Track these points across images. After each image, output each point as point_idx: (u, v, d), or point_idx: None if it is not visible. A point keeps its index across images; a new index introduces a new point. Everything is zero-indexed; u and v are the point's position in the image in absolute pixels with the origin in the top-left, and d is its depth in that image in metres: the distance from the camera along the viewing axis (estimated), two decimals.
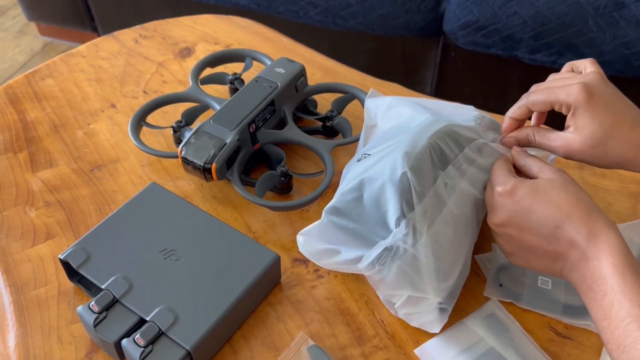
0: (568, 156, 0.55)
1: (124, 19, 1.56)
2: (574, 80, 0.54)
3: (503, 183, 0.52)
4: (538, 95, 0.55)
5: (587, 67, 0.57)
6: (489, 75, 1.40)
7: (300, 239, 0.57)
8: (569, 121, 0.54)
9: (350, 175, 0.58)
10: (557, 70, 1.26)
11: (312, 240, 0.57)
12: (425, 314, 0.54)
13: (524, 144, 0.58)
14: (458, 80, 1.45)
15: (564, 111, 0.54)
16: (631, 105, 0.54)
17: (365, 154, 0.58)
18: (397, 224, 0.53)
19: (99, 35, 1.70)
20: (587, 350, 0.56)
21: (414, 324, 0.55)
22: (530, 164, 0.55)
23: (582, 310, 0.57)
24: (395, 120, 0.63)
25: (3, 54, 1.91)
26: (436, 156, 0.55)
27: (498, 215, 0.52)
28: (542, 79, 1.45)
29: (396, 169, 0.53)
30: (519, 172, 0.56)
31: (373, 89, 0.69)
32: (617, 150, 0.52)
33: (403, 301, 0.54)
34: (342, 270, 0.58)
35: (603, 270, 0.46)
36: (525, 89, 1.53)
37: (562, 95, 0.53)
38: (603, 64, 1.20)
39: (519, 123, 0.59)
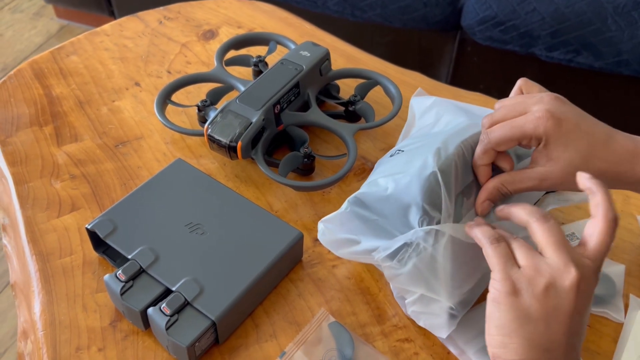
0: (550, 188, 0.52)
1: (140, 3, 1.57)
2: (532, 107, 0.49)
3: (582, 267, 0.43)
4: (500, 132, 0.50)
5: (535, 87, 0.54)
6: (504, 72, 1.41)
7: (320, 226, 0.56)
8: (538, 153, 0.50)
9: (381, 170, 0.58)
10: (573, 68, 1.28)
11: (332, 228, 0.56)
12: (435, 316, 0.53)
13: (499, 199, 0.54)
14: (473, 76, 1.45)
15: (533, 144, 0.50)
16: (595, 119, 0.51)
17: (399, 150, 0.58)
18: (421, 223, 0.52)
19: (115, 19, 1.71)
20: (605, 337, 0.56)
21: (421, 323, 0.54)
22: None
23: (600, 299, 0.58)
24: (433, 119, 0.63)
25: (19, 35, 1.92)
26: (466, 161, 0.55)
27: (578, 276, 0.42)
28: (558, 76, 1.46)
29: (426, 167, 0.52)
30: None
31: (421, 89, 0.69)
32: (597, 172, 0.48)
33: (414, 299, 0.53)
34: (359, 259, 0.57)
35: None
36: (541, 85, 1.53)
37: (529, 128, 0.49)
38: (620, 63, 1.21)
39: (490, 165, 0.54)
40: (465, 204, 0.54)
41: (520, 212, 0.47)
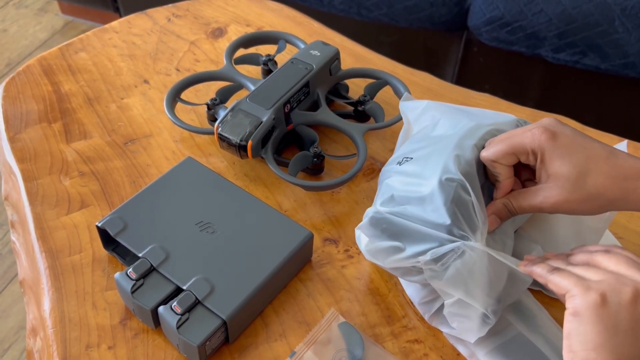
0: (554, 210, 0.50)
1: (145, 0, 1.57)
2: (531, 126, 0.51)
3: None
4: (499, 146, 0.51)
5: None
6: (510, 73, 1.40)
7: (361, 236, 0.55)
8: (539, 172, 0.50)
9: (394, 181, 0.56)
10: (579, 70, 1.27)
11: (372, 234, 0.54)
12: (469, 320, 0.52)
13: (506, 216, 0.53)
14: (479, 76, 1.45)
15: (531, 160, 0.50)
16: (598, 142, 0.50)
17: (407, 158, 0.56)
18: (464, 237, 0.50)
19: (120, 16, 1.71)
20: None
21: (454, 324, 0.53)
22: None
23: None
24: (429, 121, 0.61)
25: (24, 31, 1.92)
26: (479, 163, 0.54)
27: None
28: (564, 78, 1.45)
29: (449, 173, 0.51)
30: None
31: (407, 93, 0.68)
32: (599, 188, 0.48)
33: (452, 301, 0.52)
34: (402, 265, 0.53)
35: None
36: (547, 87, 1.53)
37: (526, 142, 0.49)
38: (626, 65, 1.21)
39: (512, 177, 0.53)
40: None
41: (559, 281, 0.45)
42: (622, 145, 0.61)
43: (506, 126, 0.57)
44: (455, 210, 0.50)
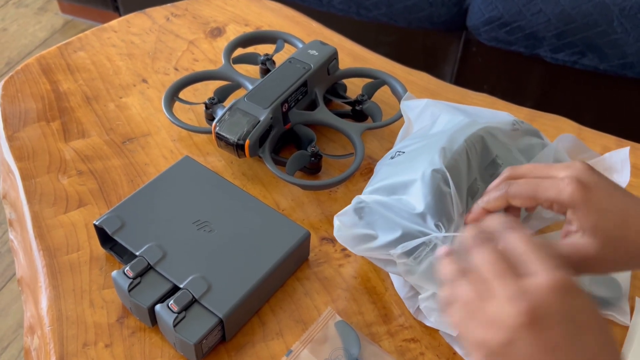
0: (580, 266, 0.44)
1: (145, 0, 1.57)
2: (559, 171, 0.46)
3: (556, 270, 0.36)
4: (522, 187, 0.47)
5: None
6: (509, 73, 1.41)
7: (336, 222, 0.55)
8: (571, 223, 0.45)
9: (384, 172, 0.58)
10: (578, 70, 1.27)
11: (348, 221, 0.55)
12: None
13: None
14: (477, 77, 1.45)
15: (554, 209, 0.46)
16: (631, 196, 0.46)
17: (399, 152, 0.58)
18: (437, 227, 0.51)
19: (120, 15, 1.71)
20: None
21: (432, 319, 0.54)
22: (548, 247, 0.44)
23: (605, 301, 0.58)
24: (429, 120, 0.63)
25: (24, 30, 1.92)
26: (472, 158, 0.55)
27: (534, 309, 0.35)
28: (563, 78, 1.45)
29: (433, 165, 0.53)
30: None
31: (409, 93, 0.69)
32: (634, 248, 0.44)
33: (427, 295, 0.53)
34: (374, 256, 0.55)
35: None
36: (545, 87, 1.53)
37: (552, 193, 0.45)
38: (625, 65, 1.21)
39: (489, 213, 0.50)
40: (470, 204, 0.55)
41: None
42: (625, 151, 0.61)
43: (502, 125, 0.58)
44: (432, 201, 0.51)
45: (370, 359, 0.54)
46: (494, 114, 0.62)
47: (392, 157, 0.59)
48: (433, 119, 0.62)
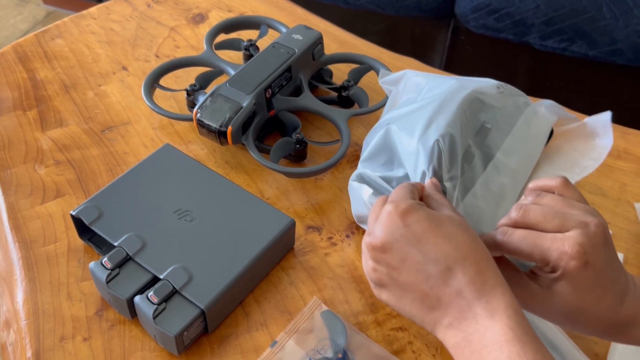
0: (526, 309, 0.45)
1: None
2: (569, 228, 0.42)
3: (398, 200, 0.44)
4: (520, 243, 0.43)
5: (575, 193, 0.46)
6: (498, 60, 1.39)
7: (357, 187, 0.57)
8: (546, 275, 0.43)
9: (375, 144, 0.57)
10: (567, 57, 1.26)
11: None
12: None
13: None
14: (466, 64, 1.44)
15: (545, 269, 0.43)
16: (619, 274, 0.43)
17: (390, 124, 0.57)
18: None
19: None
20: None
21: None
22: (435, 198, 0.47)
23: None
24: (414, 90, 0.62)
25: (5, 22, 1.88)
26: (464, 124, 0.54)
27: (379, 236, 0.43)
28: (552, 65, 1.44)
29: (428, 137, 0.52)
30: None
31: (383, 70, 0.68)
32: (583, 327, 0.44)
33: None
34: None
35: (497, 334, 0.38)
36: (535, 74, 1.51)
37: (552, 256, 0.42)
38: (614, 52, 1.20)
39: None
40: (466, 170, 0.54)
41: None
42: (606, 115, 0.59)
43: (488, 89, 0.58)
44: (429, 173, 0.51)
45: (357, 348, 0.52)
46: (478, 80, 0.61)
47: (382, 129, 0.57)
48: (419, 88, 0.61)
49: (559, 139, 0.61)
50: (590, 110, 0.81)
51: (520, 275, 0.45)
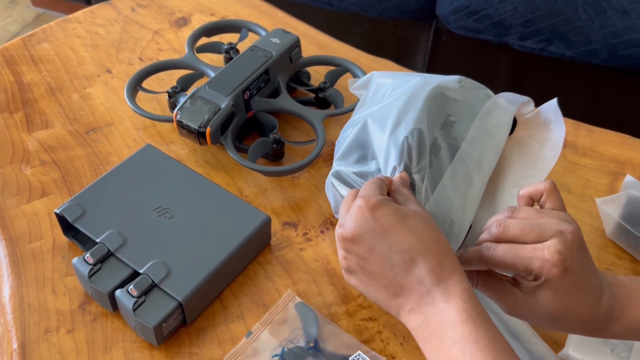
0: (511, 314, 0.48)
1: None
2: (547, 238, 0.44)
3: (368, 195, 0.47)
4: (503, 256, 0.45)
5: (548, 200, 0.48)
6: (479, 60, 1.42)
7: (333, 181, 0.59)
8: (529, 283, 0.46)
9: (350, 141, 0.59)
10: (546, 57, 1.29)
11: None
12: None
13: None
14: (448, 65, 1.47)
15: (529, 278, 0.45)
16: (594, 276, 0.46)
17: (367, 118, 0.59)
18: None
19: None
20: None
21: None
22: (401, 193, 0.50)
23: None
24: (381, 89, 0.64)
25: None
26: (430, 119, 0.57)
27: (350, 228, 0.46)
28: (531, 66, 1.47)
29: (398, 134, 0.55)
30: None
31: (351, 79, 0.70)
32: (566, 327, 0.47)
33: None
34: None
35: (452, 316, 0.42)
36: (515, 75, 1.53)
37: (534, 266, 0.44)
38: (590, 52, 1.23)
39: None
40: (434, 162, 0.57)
41: None
42: (553, 102, 0.62)
43: (451, 84, 0.61)
44: (400, 168, 0.54)
45: (328, 338, 0.55)
46: (441, 77, 0.64)
47: (358, 124, 0.60)
48: (385, 87, 0.63)
49: (521, 130, 0.64)
50: (568, 110, 0.84)
51: (504, 283, 0.47)
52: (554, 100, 0.62)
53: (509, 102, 0.64)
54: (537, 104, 0.80)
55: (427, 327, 0.44)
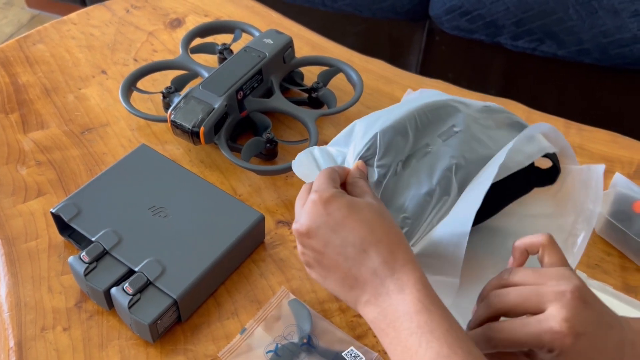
0: None
1: None
2: (549, 303, 0.42)
3: (321, 190, 0.47)
4: (509, 334, 0.43)
5: (546, 255, 0.46)
6: (472, 60, 1.43)
7: (299, 156, 0.58)
8: (545, 356, 0.43)
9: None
10: (538, 57, 1.31)
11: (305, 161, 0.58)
12: None
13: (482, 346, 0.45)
14: (442, 65, 1.48)
15: (543, 351, 0.42)
16: (614, 330, 0.43)
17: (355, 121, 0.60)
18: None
19: None
20: None
21: None
22: (357, 185, 0.51)
23: None
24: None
25: None
26: (426, 123, 0.57)
27: (305, 223, 0.47)
28: (523, 65, 1.48)
29: (373, 128, 0.55)
30: (343, 187, 0.52)
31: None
32: None
33: None
34: None
35: (408, 306, 0.42)
36: (508, 74, 1.55)
37: (545, 340, 0.41)
38: (581, 52, 1.24)
39: None
40: (412, 165, 0.56)
41: None
42: (600, 168, 0.59)
43: (471, 102, 0.61)
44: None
45: (321, 334, 0.56)
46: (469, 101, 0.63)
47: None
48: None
49: (561, 194, 0.62)
50: (561, 110, 0.85)
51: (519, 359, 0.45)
52: (601, 167, 0.58)
53: (552, 136, 0.61)
54: (530, 104, 0.81)
55: (384, 319, 0.44)
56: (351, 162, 0.55)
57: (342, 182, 0.52)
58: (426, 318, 0.42)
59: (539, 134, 0.61)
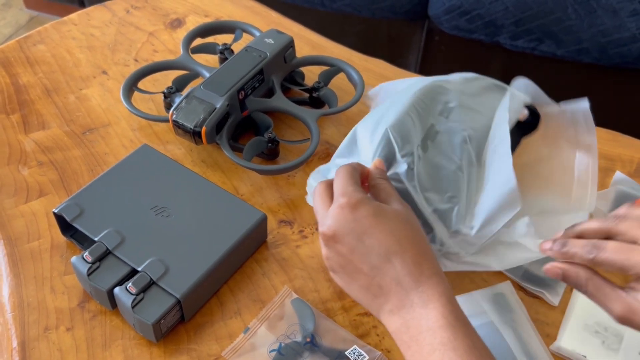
0: (625, 322, 0.43)
1: None
2: None
3: (349, 195, 0.47)
4: (613, 256, 0.42)
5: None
6: (471, 60, 1.44)
7: (310, 181, 0.59)
8: (635, 284, 0.42)
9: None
10: (537, 57, 1.31)
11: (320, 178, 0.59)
12: None
13: (572, 282, 0.45)
14: (441, 65, 1.48)
15: (633, 277, 0.42)
16: None
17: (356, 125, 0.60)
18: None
19: None
20: (554, 309, 0.59)
21: None
22: (382, 188, 0.50)
23: (539, 279, 0.60)
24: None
25: None
26: (425, 107, 0.58)
27: (332, 228, 0.46)
28: (523, 65, 1.48)
29: (379, 130, 0.56)
30: (365, 187, 0.51)
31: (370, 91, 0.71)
32: None
33: None
34: None
35: (431, 321, 0.42)
36: (507, 74, 1.56)
37: None
38: (580, 51, 1.25)
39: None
40: (429, 147, 0.57)
41: None
42: (584, 103, 0.60)
43: (450, 77, 0.63)
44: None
45: (324, 333, 0.56)
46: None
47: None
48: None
49: (550, 135, 0.64)
50: None
51: (616, 291, 0.43)
52: (585, 101, 0.60)
53: (524, 91, 0.64)
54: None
55: (407, 331, 0.44)
56: (368, 163, 0.54)
57: (363, 179, 0.51)
58: (449, 335, 0.41)
59: (513, 88, 0.65)
